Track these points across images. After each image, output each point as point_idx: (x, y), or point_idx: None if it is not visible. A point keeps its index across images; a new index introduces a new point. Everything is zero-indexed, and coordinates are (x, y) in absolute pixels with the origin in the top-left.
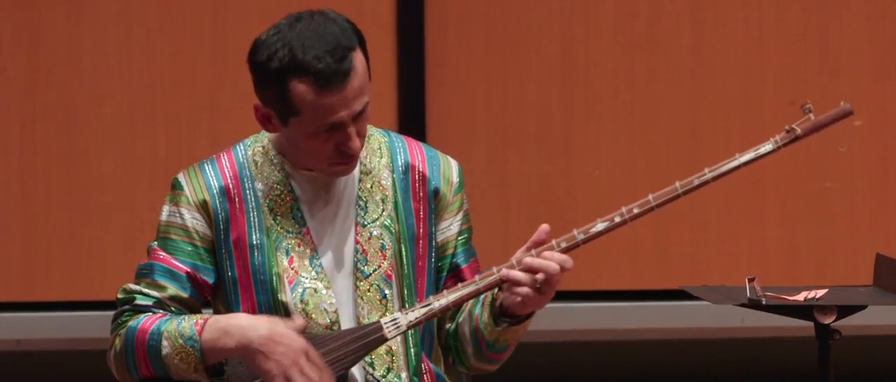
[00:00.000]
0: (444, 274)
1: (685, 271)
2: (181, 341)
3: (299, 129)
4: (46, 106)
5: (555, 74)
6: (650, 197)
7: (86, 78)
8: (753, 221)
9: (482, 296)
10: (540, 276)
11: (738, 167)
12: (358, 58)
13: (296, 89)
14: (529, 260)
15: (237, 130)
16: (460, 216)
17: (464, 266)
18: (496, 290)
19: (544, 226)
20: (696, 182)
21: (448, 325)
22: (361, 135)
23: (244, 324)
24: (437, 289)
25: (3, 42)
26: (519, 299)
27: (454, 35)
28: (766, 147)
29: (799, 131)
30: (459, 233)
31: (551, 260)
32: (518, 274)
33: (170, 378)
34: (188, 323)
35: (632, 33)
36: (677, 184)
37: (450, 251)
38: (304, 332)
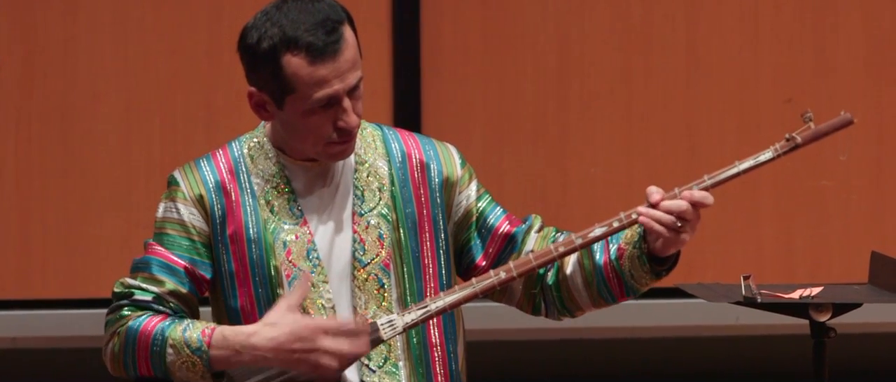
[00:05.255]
0: (477, 241)
1: (680, 269)
2: (188, 351)
3: (295, 109)
4: (42, 104)
5: (550, 72)
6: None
7: (82, 77)
8: (749, 219)
9: (596, 246)
10: (670, 219)
11: (738, 174)
12: (348, 31)
13: (289, 64)
14: (667, 203)
15: (233, 129)
16: (473, 184)
17: (498, 224)
18: (635, 236)
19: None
20: (695, 188)
21: (535, 284)
22: (358, 114)
23: (255, 343)
24: (458, 269)
25: None
26: (659, 242)
27: (450, 33)
28: (766, 155)
29: (799, 139)
30: (478, 198)
31: (684, 198)
32: (657, 215)
33: (167, 379)
34: (195, 334)
35: (627, 31)
36: (676, 190)
37: (474, 218)
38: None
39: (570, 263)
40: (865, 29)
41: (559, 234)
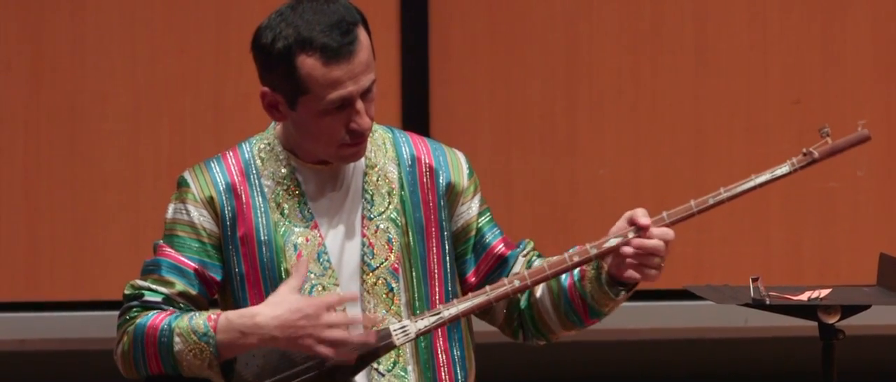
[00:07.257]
0: (471, 256)
1: (689, 271)
2: (195, 338)
3: (308, 110)
4: (51, 105)
5: (559, 73)
6: (664, 214)
7: (90, 77)
8: (757, 221)
9: (569, 273)
10: (656, 261)
11: (754, 188)
12: (362, 33)
13: (303, 65)
14: (640, 241)
15: (241, 129)
16: (477, 198)
17: (494, 243)
18: (600, 261)
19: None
20: (711, 201)
21: (513, 308)
22: (370, 116)
23: (259, 322)
24: (458, 276)
25: (8, 41)
26: (638, 275)
27: (458, 33)
28: (783, 169)
29: (816, 154)
30: (480, 214)
31: (656, 237)
32: (634, 251)
33: (178, 377)
34: (201, 320)
35: (636, 31)
36: (692, 202)
37: (472, 233)
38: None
39: (541, 286)
40: (874, 30)
41: (539, 259)
